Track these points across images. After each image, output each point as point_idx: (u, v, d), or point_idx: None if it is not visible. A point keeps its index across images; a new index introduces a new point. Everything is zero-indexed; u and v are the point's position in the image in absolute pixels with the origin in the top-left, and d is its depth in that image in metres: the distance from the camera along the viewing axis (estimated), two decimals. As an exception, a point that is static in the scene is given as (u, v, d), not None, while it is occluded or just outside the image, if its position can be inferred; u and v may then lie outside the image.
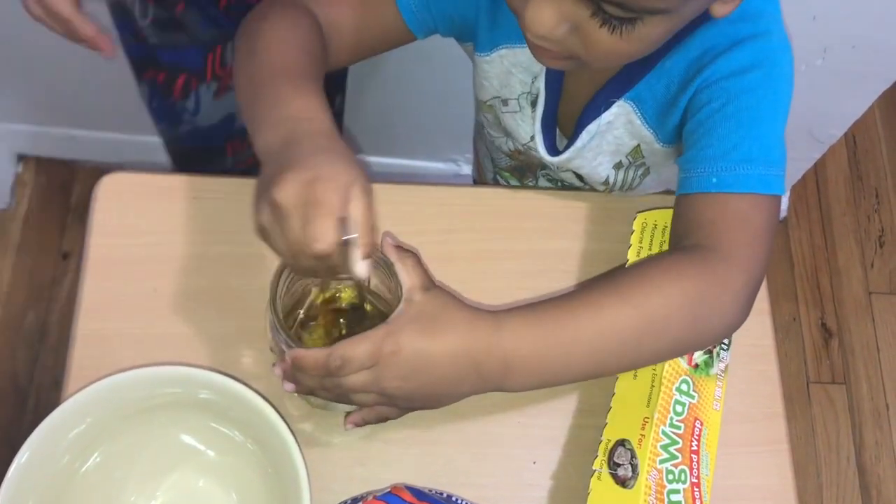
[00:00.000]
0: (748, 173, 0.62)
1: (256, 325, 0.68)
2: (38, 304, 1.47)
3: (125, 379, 0.57)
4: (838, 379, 1.56)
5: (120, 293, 0.70)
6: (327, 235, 0.50)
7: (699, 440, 0.62)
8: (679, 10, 0.53)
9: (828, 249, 1.66)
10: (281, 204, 0.51)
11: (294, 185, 0.51)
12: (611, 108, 0.70)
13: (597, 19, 0.53)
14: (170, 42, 0.81)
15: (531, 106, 0.74)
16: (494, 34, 0.71)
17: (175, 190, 0.74)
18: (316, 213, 0.50)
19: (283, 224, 0.51)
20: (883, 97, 1.77)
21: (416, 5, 0.70)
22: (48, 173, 1.57)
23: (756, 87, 0.63)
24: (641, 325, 0.59)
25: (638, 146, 0.72)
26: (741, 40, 0.63)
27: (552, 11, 0.53)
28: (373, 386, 0.55)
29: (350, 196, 0.51)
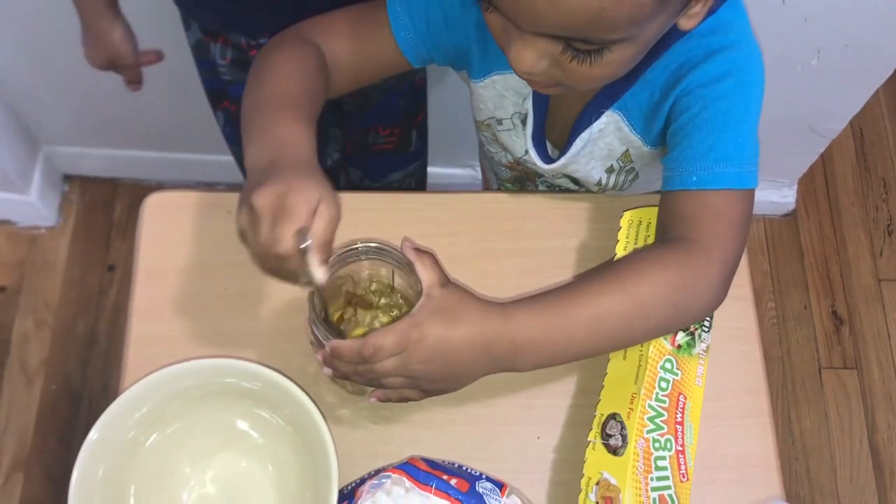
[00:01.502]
0: (724, 171, 0.69)
1: (288, 323, 0.76)
2: (86, 314, 1.57)
3: (179, 369, 0.67)
4: (850, 364, 1.61)
5: (166, 298, 0.79)
6: (286, 238, 0.58)
7: (683, 413, 0.69)
8: (639, 36, 0.60)
9: (837, 239, 1.71)
10: (256, 208, 0.59)
11: (269, 193, 0.59)
12: (601, 118, 0.77)
13: (568, 54, 0.60)
14: (242, 79, 0.93)
15: (522, 123, 0.82)
16: (486, 62, 0.79)
17: (212, 206, 0.83)
18: (282, 219, 0.58)
19: (255, 226, 0.60)
20: (888, 91, 1.83)
21: (412, 38, 0.77)
22: (92, 192, 1.68)
23: (729, 94, 0.70)
24: (632, 309, 0.67)
25: (627, 151, 0.80)
26: (714, 52, 0.70)
27: (530, 52, 0.60)
28: (401, 370, 0.63)
29: (317, 210, 0.59)
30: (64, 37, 1.31)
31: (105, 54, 0.99)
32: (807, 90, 1.36)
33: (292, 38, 0.76)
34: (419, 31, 0.77)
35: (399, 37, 0.77)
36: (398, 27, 0.76)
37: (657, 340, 0.70)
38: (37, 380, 1.51)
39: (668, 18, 0.61)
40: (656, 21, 0.59)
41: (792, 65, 1.31)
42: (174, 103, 1.45)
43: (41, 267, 1.60)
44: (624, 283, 0.67)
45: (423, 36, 0.77)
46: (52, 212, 1.63)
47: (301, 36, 0.76)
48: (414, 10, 0.76)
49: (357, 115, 1.07)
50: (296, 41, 0.75)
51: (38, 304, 1.57)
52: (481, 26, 0.75)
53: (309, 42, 0.75)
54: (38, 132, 1.56)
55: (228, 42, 0.93)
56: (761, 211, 1.71)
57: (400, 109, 1.07)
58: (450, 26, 0.77)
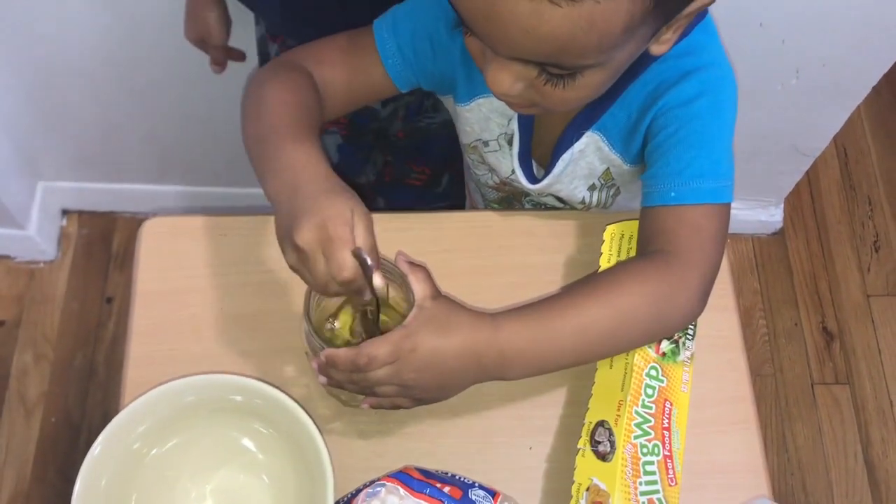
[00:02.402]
0: (701, 187, 0.72)
1: (284, 342, 0.78)
2: (85, 346, 1.59)
3: (180, 385, 0.69)
4: (842, 379, 1.62)
5: (165, 320, 0.80)
6: (348, 264, 0.61)
7: (669, 418, 0.71)
8: (609, 62, 0.62)
9: (825, 256, 1.74)
10: (302, 248, 0.62)
11: (309, 229, 0.62)
12: (581, 139, 0.80)
13: (542, 77, 0.62)
14: None
15: (508, 144, 0.84)
16: (471, 87, 0.81)
17: (206, 229, 0.85)
18: (334, 248, 0.61)
19: (308, 264, 0.62)
20: (869, 109, 1.87)
21: (400, 64, 0.80)
22: (90, 225, 1.70)
23: (703, 113, 0.73)
24: (615, 321, 0.69)
25: (608, 169, 0.82)
26: (688, 73, 0.73)
27: (506, 75, 0.62)
28: (394, 379, 0.65)
29: (353, 224, 0.62)
30: (62, 72, 1.35)
31: (198, 31, 1.06)
32: (788, 109, 1.40)
33: (284, 65, 0.79)
34: (406, 58, 0.79)
35: (387, 63, 0.79)
36: (386, 54, 0.79)
37: (642, 348, 0.72)
38: (36, 413, 1.52)
39: (637, 45, 0.63)
40: (625, 49, 0.61)
41: (772, 85, 1.34)
42: (171, 137, 1.48)
43: (40, 301, 1.62)
44: (607, 296, 0.69)
45: (411, 62, 0.80)
46: (51, 246, 1.65)
47: (292, 63, 0.79)
48: (401, 38, 0.79)
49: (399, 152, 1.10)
50: (287, 68, 0.78)
51: (37, 337, 1.59)
52: (466, 52, 0.78)
53: (300, 69, 0.78)
54: (36, 167, 1.59)
55: (286, 44, 0.98)
56: (749, 230, 1.74)
57: (436, 152, 1.10)
58: (436, 53, 0.79)
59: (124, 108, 1.41)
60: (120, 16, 1.19)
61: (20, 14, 1.23)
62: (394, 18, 0.79)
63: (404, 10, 0.80)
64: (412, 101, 1.03)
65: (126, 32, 1.14)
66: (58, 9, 1.22)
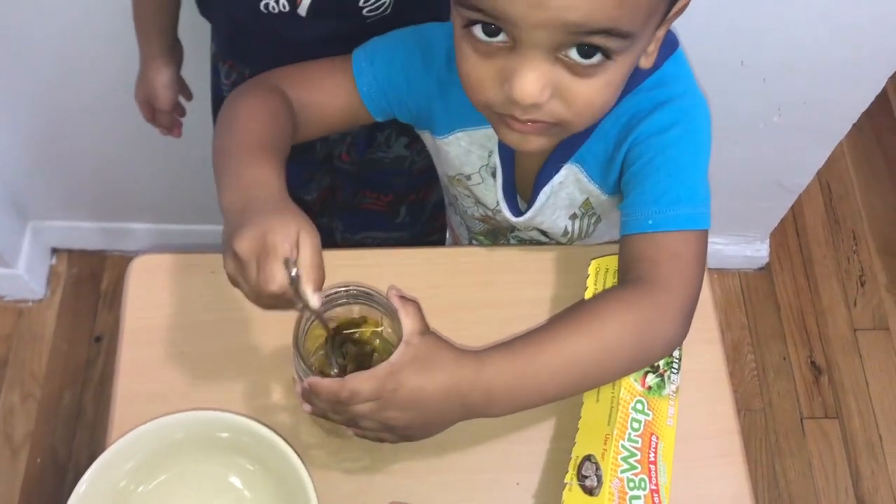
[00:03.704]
0: (678, 214, 0.73)
1: (271, 377, 0.79)
2: (73, 386, 1.58)
3: (168, 421, 0.69)
4: (831, 414, 1.63)
5: (152, 357, 0.80)
6: (277, 275, 0.61)
7: (656, 452, 0.71)
8: (637, 43, 0.62)
9: (811, 291, 1.75)
10: (239, 254, 0.62)
11: (249, 237, 0.62)
12: (560, 171, 0.81)
13: (573, 73, 0.62)
14: None
15: (492, 177, 0.85)
16: (449, 119, 0.83)
17: (195, 267, 0.85)
18: (267, 258, 0.61)
19: (243, 271, 0.62)
20: (852, 145, 1.90)
21: (375, 93, 0.81)
22: (79, 264, 1.70)
23: (678, 141, 0.74)
24: (598, 351, 0.69)
25: (587, 199, 0.83)
26: (661, 103, 0.75)
27: (536, 76, 0.61)
28: (376, 415, 0.65)
29: (298, 242, 0.62)
30: (51, 112, 1.36)
31: (144, 92, 1.06)
32: (771, 147, 1.42)
33: (259, 85, 0.80)
34: (382, 88, 0.81)
35: (362, 91, 0.81)
36: (362, 82, 0.81)
37: (628, 382, 0.73)
38: (22, 453, 1.51)
39: (649, 36, 0.65)
40: (649, 28, 0.63)
41: (755, 122, 1.36)
42: (161, 175, 1.49)
43: (28, 339, 1.61)
44: (589, 326, 0.70)
45: (386, 92, 0.81)
46: (40, 285, 1.65)
47: (268, 83, 0.80)
48: (378, 68, 0.80)
49: (349, 178, 1.11)
50: (262, 88, 0.79)
51: (24, 376, 1.58)
52: (443, 85, 0.80)
53: (275, 89, 0.79)
54: (25, 207, 1.59)
55: (234, 68, 0.99)
56: (736, 265, 1.75)
57: (390, 184, 1.11)
58: (412, 86, 0.81)
59: (114, 148, 1.42)
60: (110, 59, 1.20)
61: (11, 55, 1.25)
62: (372, 49, 0.81)
63: (382, 42, 0.81)
64: (362, 132, 1.02)
65: (117, 76, 1.15)
66: (49, 51, 1.24)
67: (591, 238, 0.89)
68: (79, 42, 1.22)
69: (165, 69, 1.04)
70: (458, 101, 0.77)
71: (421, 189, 1.12)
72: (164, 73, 1.04)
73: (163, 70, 1.04)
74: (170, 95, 1.06)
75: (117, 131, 1.38)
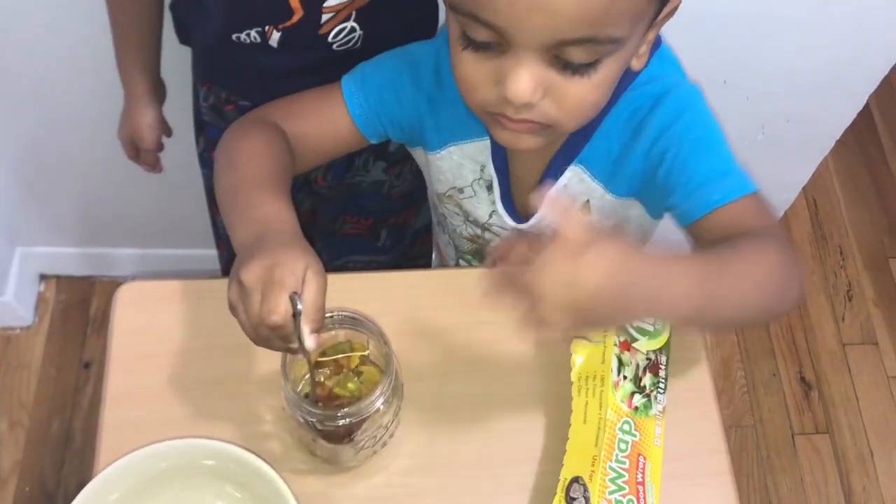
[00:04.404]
0: (732, 183, 0.73)
1: (259, 404, 0.78)
2: (62, 412, 1.57)
3: (154, 450, 0.69)
4: (821, 429, 1.63)
5: (139, 385, 0.80)
6: (279, 308, 0.61)
7: (643, 473, 0.71)
8: (626, 44, 0.63)
9: (800, 306, 1.76)
10: (245, 282, 0.62)
11: (257, 267, 0.62)
12: (564, 174, 0.82)
13: (565, 74, 0.63)
14: (217, 123, 1.02)
15: (485, 189, 0.86)
16: (441, 134, 0.84)
17: (183, 293, 0.85)
18: (272, 290, 0.61)
19: (245, 300, 0.62)
20: (837, 161, 1.91)
21: (368, 115, 0.82)
22: (68, 290, 1.69)
23: (692, 125, 0.75)
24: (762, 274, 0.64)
25: (587, 201, 0.84)
26: (659, 97, 0.76)
27: (528, 78, 0.62)
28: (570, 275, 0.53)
29: (304, 279, 0.62)
30: (39, 139, 1.36)
31: (129, 132, 1.07)
32: (756, 164, 1.40)
33: (255, 121, 0.81)
34: (373, 109, 0.82)
35: (354, 114, 0.82)
36: (353, 105, 0.82)
37: (615, 403, 0.73)
38: (10, 482, 1.50)
39: (639, 38, 0.66)
40: (638, 30, 0.64)
41: (739, 140, 1.36)
42: (149, 200, 1.49)
43: (16, 367, 1.60)
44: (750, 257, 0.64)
45: (378, 113, 0.82)
46: (28, 311, 1.65)
47: (263, 118, 0.81)
48: (368, 89, 0.81)
49: (328, 202, 1.11)
50: (259, 124, 0.80)
51: (12, 404, 1.57)
52: (432, 101, 0.81)
53: (271, 124, 0.80)
54: (13, 233, 1.59)
55: (212, 90, 0.99)
56: (724, 282, 1.76)
57: (369, 207, 1.12)
58: (402, 103, 0.82)
59: (101, 174, 1.42)
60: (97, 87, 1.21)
61: None
62: (361, 73, 0.82)
63: (370, 65, 0.83)
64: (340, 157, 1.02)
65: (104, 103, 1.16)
66: (35, 78, 1.24)
67: None
68: (66, 69, 1.22)
69: (149, 110, 1.05)
70: (448, 116, 0.78)
71: (401, 213, 1.12)
72: (148, 114, 1.05)
73: (147, 111, 1.05)
74: (154, 136, 1.07)
75: (104, 157, 1.38)
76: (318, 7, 0.82)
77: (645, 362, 0.76)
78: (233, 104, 0.98)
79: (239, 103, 0.97)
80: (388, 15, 0.85)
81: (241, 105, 0.97)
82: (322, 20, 0.83)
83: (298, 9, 0.81)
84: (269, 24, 0.84)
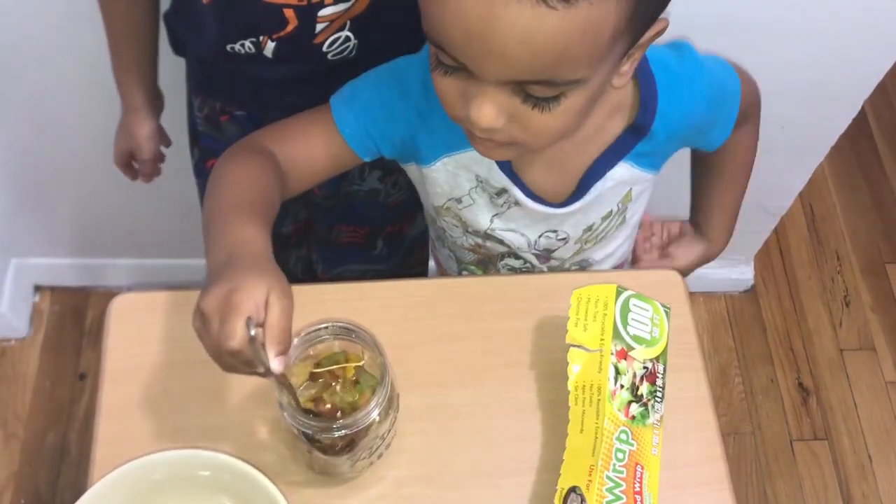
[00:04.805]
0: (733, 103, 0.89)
1: (254, 414, 0.78)
2: (57, 424, 1.56)
3: (147, 462, 0.69)
4: (820, 435, 1.63)
5: (134, 397, 0.80)
6: (236, 333, 0.60)
7: (641, 482, 0.71)
8: (590, 80, 0.64)
9: (797, 312, 1.76)
10: (204, 311, 0.62)
11: (215, 294, 0.62)
12: (614, 168, 0.84)
13: (528, 104, 0.64)
14: (212, 133, 1.02)
15: (486, 195, 0.86)
16: (434, 147, 0.84)
17: (177, 304, 0.85)
18: (228, 316, 0.60)
19: (206, 328, 0.62)
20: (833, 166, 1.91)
21: (359, 133, 0.82)
22: (62, 301, 1.69)
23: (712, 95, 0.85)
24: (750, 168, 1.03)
25: (630, 190, 0.87)
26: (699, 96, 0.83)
27: (490, 106, 0.64)
28: None
29: (268, 302, 0.61)
30: (32, 151, 1.36)
31: (128, 144, 1.06)
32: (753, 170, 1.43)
33: (246, 147, 0.81)
34: (364, 128, 0.82)
35: (345, 133, 0.82)
36: (343, 124, 0.82)
37: (612, 412, 0.72)
38: (5, 495, 1.49)
39: (611, 67, 0.66)
40: (604, 66, 0.64)
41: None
42: (143, 210, 1.49)
43: (10, 378, 1.60)
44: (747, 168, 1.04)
45: (369, 131, 0.82)
46: (23, 323, 1.64)
47: (255, 144, 0.81)
48: (357, 109, 0.81)
49: (323, 212, 1.11)
50: (249, 150, 0.80)
51: (7, 416, 1.56)
52: (422, 114, 0.81)
53: (262, 149, 0.80)
54: (7, 244, 1.58)
55: (206, 101, 0.99)
56: (721, 288, 1.76)
57: (365, 216, 1.12)
58: (393, 119, 0.82)
59: (95, 184, 1.42)
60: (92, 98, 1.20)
61: (-7, 94, 1.25)
62: (349, 92, 0.83)
63: (358, 84, 0.83)
64: None
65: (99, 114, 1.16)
66: (31, 90, 1.24)
67: (604, 240, 0.93)
68: (61, 80, 1.22)
69: (147, 121, 1.04)
70: (440, 128, 0.78)
71: (397, 221, 1.12)
72: (146, 125, 1.04)
73: (146, 122, 1.04)
74: (153, 146, 1.06)
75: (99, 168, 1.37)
76: (313, 17, 0.82)
77: (642, 371, 0.75)
78: (228, 115, 0.98)
79: (234, 114, 0.97)
80: (382, 24, 0.85)
81: (236, 115, 0.97)
82: (316, 30, 0.83)
83: (293, 18, 0.81)
84: (263, 34, 0.84)
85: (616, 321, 0.76)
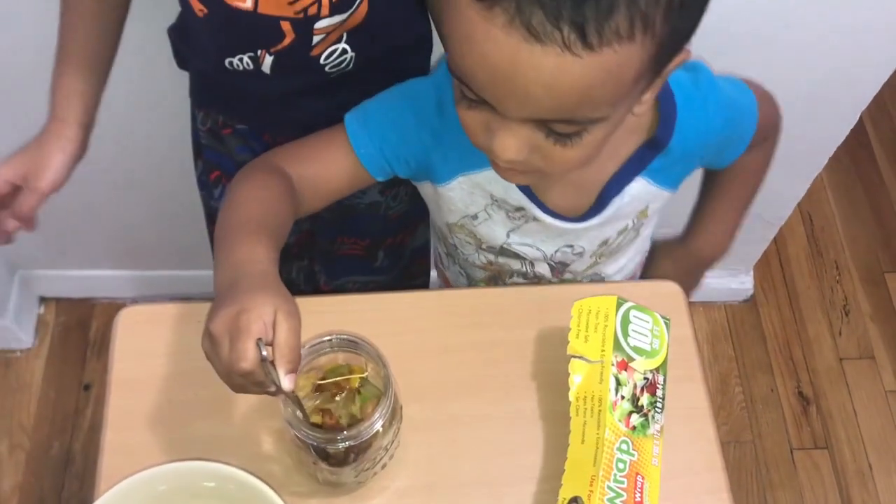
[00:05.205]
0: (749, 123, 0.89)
1: (259, 426, 0.79)
2: (62, 435, 1.57)
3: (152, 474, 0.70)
4: (820, 444, 1.63)
5: (140, 408, 0.81)
6: (247, 354, 0.61)
7: (642, 492, 0.72)
8: (613, 116, 0.65)
9: (797, 322, 1.77)
10: (213, 333, 0.63)
11: (223, 317, 0.63)
12: (631, 184, 0.85)
13: (550, 139, 0.65)
14: (214, 146, 1.02)
15: (502, 210, 0.87)
16: (449, 166, 0.85)
17: (183, 316, 0.86)
18: (238, 337, 0.61)
19: (216, 350, 0.63)
20: (831, 176, 1.92)
21: (373, 153, 0.83)
22: (67, 312, 1.70)
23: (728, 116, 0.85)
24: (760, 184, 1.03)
25: (647, 207, 0.88)
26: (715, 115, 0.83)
27: (514, 140, 0.65)
28: None
29: (275, 321, 0.62)
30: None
31: (29, 164, 0.84)
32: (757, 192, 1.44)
33: (260, 167, 0.82)
34: (378, 147, 0.83)
35: (360, 153, 0.83)
36: (358, 144, 0.83)
37: (613, 423, 0.73)
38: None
39: (633, 101, 0.67)
40: (627, 101, 0.65)
41: (733, 158, 1.38)
42: (148, 223, 1.50)
43: (16, 389, 1.61)
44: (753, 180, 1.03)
45: (383, 151, 0.83)
46: (28, 334, 1.65)
47: (269, 164, 0.82)
48: (372, 128, 0.82)
49: (325, 224, 1.12)
50: (263, 170, 0.81)
51: (12, 427, 1.57)
52: (437, 135, 0.82)
53: (276, 169, 0.81)
54: (13, 257, 1.59)
55: (209, 114, 1.00)
56: (721, 298, 1.77)
57: (365, 229, 1.13)
58: (407, 140, 0.83)
59: (101, 196, 1.43)
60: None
61: (-1, 108, 1.26)
62: (364, 111, 0.83)
63: (372, 104, 0.84)
64: None
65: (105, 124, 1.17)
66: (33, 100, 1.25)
67: (618, 253, 0.94)
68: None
69: (70, 146, 0.85)
70: (455, 148, 0.79)
71: (398, 234, 1.13)
72: (66, 150, 0.84)
73: (67, 147, 0.85)
74: (55, 179, 0.85)
75: (104, 179, 1.39)
76: (309, 29, 0.83)
77: (642, 382, 0.76)
78: (230, 128, 0.99)
79: (236, 127, 0.98)
80: (379, 36, 0.86)
81: (238, 129, 0.98)
82: (313, 42, 0.84)
83: (289, 31, 0.82)
84: (260, 48, 0.85)
85: (617, 332, 0.77)
